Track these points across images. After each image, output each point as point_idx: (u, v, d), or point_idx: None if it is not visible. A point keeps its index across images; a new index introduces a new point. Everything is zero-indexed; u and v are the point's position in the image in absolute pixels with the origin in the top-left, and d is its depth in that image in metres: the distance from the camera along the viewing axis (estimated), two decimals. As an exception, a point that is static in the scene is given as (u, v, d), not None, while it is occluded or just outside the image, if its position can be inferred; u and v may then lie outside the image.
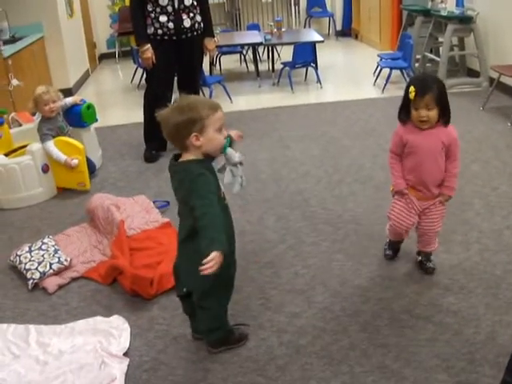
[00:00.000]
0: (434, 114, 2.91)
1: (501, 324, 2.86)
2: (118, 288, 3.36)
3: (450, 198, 3.15)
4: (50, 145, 4.65)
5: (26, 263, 3.51)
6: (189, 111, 2.32)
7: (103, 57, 10.82)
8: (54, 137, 4.73)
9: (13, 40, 6.93)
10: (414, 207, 3.16)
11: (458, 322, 2.90)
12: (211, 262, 2.20)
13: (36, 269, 3.47)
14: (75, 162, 4.62)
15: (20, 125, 5.32)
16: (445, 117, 2.97)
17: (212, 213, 2.31)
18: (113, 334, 2.94)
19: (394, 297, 3.13)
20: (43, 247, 3.65)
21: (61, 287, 3.43)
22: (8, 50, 6.34)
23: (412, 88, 2.88)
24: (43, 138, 4.69)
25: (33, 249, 3.64)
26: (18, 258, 3.59)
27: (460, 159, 3.09)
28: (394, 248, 3.51)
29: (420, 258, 3.40)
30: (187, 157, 2.41)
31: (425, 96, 2.87)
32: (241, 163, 2.56)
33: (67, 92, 6.88)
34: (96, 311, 3.17)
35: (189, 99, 2.44)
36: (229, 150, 2.49)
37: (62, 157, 4.62)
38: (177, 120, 2.32)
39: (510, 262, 3.40)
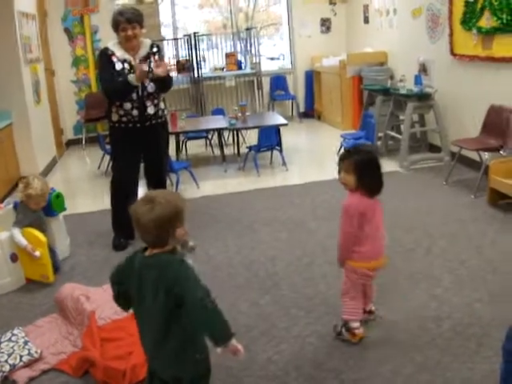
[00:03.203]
0: (350, 178, 3.24)
1: (478, 399, 2.86)
2: (89, 380, 3.28)
3: None
4: (17, 231, 4.60)
5: (-5, 355, 3.44)
6: (171, 204, 2.28)
7: (70, 143, 10.83)
8: (25, 226, 4.65)
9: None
10: None
11: (435, 399, 2.89)
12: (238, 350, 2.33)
13: (6, 361, 3.40)
14: (37, 254, 4.53)
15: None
16: (364, 187, 3.25)
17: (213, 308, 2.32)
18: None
19: (368, 377, 3.11)
20: (13, 339, 3.60)
21: (31, 379, 3.35)
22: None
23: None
24: (15, 223, 4.65)
25: (2, 340, 3.59)
26: (-13, 350, 3.51)
27: (428, 234, 3.16)
28: None
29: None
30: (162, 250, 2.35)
31: (343, 161, 3.29)
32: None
33: (35, 179, 6.86)
34: (67, 405, 3.10)
35: (162, 193, 2.41)
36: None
37: (24, 242, 4.55)
38: (158, 215, 2.25)
39: (483, 334, 3.42)
